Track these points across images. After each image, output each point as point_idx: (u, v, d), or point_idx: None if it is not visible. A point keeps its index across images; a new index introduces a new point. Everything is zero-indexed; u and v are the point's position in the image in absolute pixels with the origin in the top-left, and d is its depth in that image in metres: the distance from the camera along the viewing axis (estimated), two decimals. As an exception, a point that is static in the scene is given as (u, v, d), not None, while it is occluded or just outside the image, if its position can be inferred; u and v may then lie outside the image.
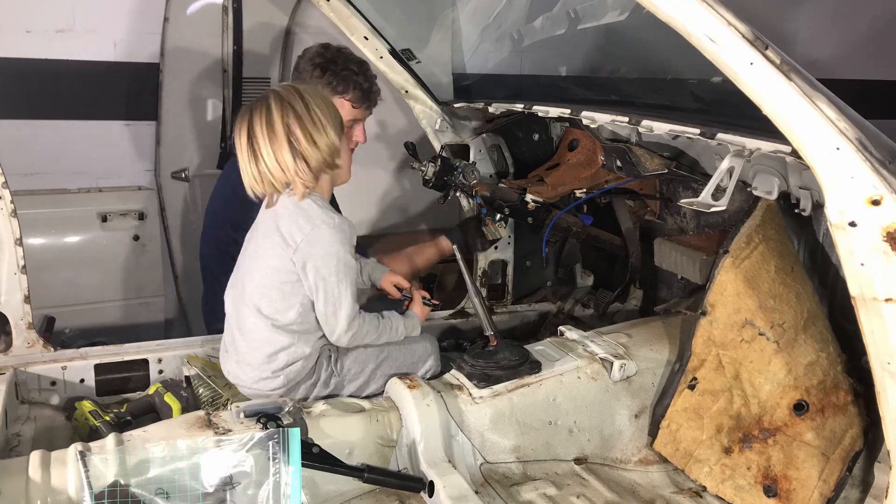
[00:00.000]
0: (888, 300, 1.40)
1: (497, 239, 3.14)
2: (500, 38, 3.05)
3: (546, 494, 2.01)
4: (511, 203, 2.89)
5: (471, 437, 2.10)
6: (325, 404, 2.09)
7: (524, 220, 2.94)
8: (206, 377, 2.40)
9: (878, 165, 1.35)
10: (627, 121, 2.18)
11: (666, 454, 2.19)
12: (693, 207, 1.86)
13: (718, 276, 2.14)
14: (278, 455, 1.77)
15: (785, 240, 2.19)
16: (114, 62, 3.53)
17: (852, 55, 4.66)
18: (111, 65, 3.54)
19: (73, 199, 3.56)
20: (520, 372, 2.20)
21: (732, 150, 1.81)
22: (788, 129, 1.40)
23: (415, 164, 2.95)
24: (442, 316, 3.22)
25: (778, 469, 2.04)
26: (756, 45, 1.36)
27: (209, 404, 2.30)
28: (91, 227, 3.55)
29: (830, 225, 1.43)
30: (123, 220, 3.59)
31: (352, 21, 2.90)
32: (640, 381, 2.29)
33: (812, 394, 2.05)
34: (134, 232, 3.61)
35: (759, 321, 2.09)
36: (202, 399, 2.35)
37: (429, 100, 3.11)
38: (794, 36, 4.62)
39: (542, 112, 2.62)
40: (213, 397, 2.35)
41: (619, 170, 2.62)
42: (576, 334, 2.43)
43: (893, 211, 1.34)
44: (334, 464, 1.90)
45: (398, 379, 2.17)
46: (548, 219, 2.93)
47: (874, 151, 1.36)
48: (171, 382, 2.51)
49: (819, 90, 1.37)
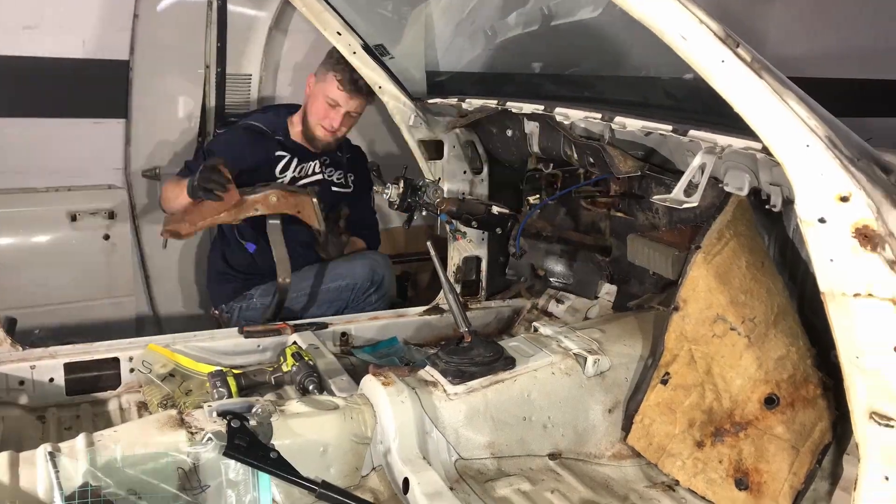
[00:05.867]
0: (857, 296, 1.42)
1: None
2: (474, 34, 3.05)
3: (521, 490, 2.02)
4: (478, 216, 2.95)
5: (445, 434, 2.10)
6: (298, 403, 2.08)
7: (493, 230, 3.06)
8: (161, 380, 2.42)
9: (847, 162, 1.37)
10: (600, 117, 2.20)
11: (639, 449, 2.21)
12: (665, 204, 1.87)
13: (690, 272, 2.16)
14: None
15: (756, 236, 2.22)
16: (82, 59, 3.47)
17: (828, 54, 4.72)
18: (79, 62, 3.48)
19: (42, 198, 3.50)
20: (494, 368, 2.20)
21: (704, 146, 1.82)
22: (759, 126, 1.42)
23: (377, 188, 2.99)
24: (416, 312, 3.22)
25: (749, 462, 2.06)
26: (727, 42, 1.37)
27: (164, 407, 2.32)
28: (60, 227, 3.50)
29: (800, 221, 1.44)
30: (93, 219, 3.54)
31: (324, 16, 2.89)
32: (613, 376, 2.30)
33: (782, 388, 2.08)
34: (104, 231, 3.56)
35: (731, 316, 2.11)
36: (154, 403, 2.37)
37: (402, 95, 3.10)
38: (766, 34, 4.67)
39: (515, 108, 2.62)
40: (164, 398, 2.38)
41: (591, 167, 2.63)
42: (550, 330, 2.44)
43: (862, 207, 1.36)
44: (289, 473, 1.85)
45: (372, 376, 2.17)
46: (515, 225, 3.00)
47: (843, 149, 1.38)
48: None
49: (789, 88, 1.39)
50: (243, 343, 2.82)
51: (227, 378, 2.41)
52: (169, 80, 3.74)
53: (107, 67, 3.55)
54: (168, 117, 3.78)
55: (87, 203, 3.55)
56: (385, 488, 2.04)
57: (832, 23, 4.80)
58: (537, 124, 2.83)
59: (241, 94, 3.85)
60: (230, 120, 3.73)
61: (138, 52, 3.56)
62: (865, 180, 1.36)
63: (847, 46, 4.74)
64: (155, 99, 3.71)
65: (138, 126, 3.69)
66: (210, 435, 1.85)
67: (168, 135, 3.79)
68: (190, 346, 2.72)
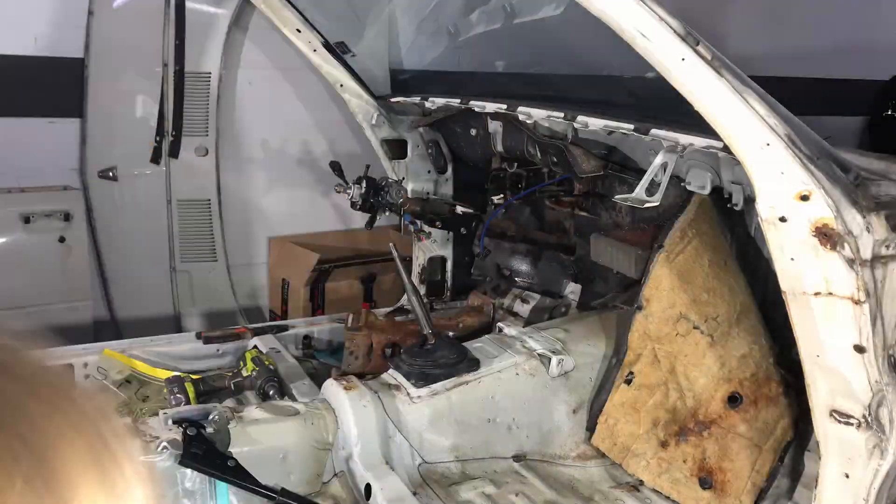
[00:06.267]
0: (817, 294, 1.43)
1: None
2: (437, 32, 3.03)
3: (485, 493, 2.00)
4: (442, 215, 2.93)
5: (409, 438, 2.07)
6: (258, 408, 2.04)
7: (457, 229, 3.04)
8: (117, 386, 2.37)
9: (807, 161, 1.37)
10: (563, 116, 2.18)
11: (604, 449, 2.20)
12: (628, 203, 1.86)
13: (653, 271, 2.15)
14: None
15: (718, 234, 2.22)
16: (35, 56, 3.39)
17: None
18: (32, 59, 3.39)
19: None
20: (458, 370, 2.18)
21: (666, 145, 1.82)
22: (719, 124, 1.41)
23: (339, 188, 2.92)
24: (380, 314, 3.19)
25: (713, 461, 2.06)
26: (688, 40, 1.36)
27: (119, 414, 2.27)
28: (13, 229, 3.39)
29: (761, 220, 1.44)
30: (48, 221, 3.44)
31: (283, 13, 2.84)
32: (577, 376, 2.29)
33: (745, 386, 2.08)
34: (59, 234, 3.47)
35: (694, 315, 2.11)
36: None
37: (364, 94, 3.07)
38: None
39: (478, 107, 2.60)
40: (120, 406, 2.33)
41: (554, 166, 2.62)
42: (514, 330, 2.42)
43: (822, 206, 1.36)
44: (247, 481, 1.83)
45: (334, 380, 2.13)
46: (479, 225, 2.97)
47: (803, 147, 1.38)
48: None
49: (749, 86, 1.38)
50: (202, 348, 2.76)
51: (184, 384, 2.35)
52: (126, 78, 3.65)
53: (61, 65, 3.47)
54: (125, 116, 3.69)
55: (42, 205, 3.44)
56: (347, 495, 2.00)
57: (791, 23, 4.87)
58: (501, 123, 2.81)
59: (200, 92, 3.79)
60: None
61: (94, 50, 3.48)
62: (825, 179, 1.36)
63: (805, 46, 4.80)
64: (111, 98, 3.62)
65: (94, 125, 3.60)
66: (165, 443, 1.80)
67: (125, 134, 3.70)
68: (147, 350, 2.66)
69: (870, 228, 1.38)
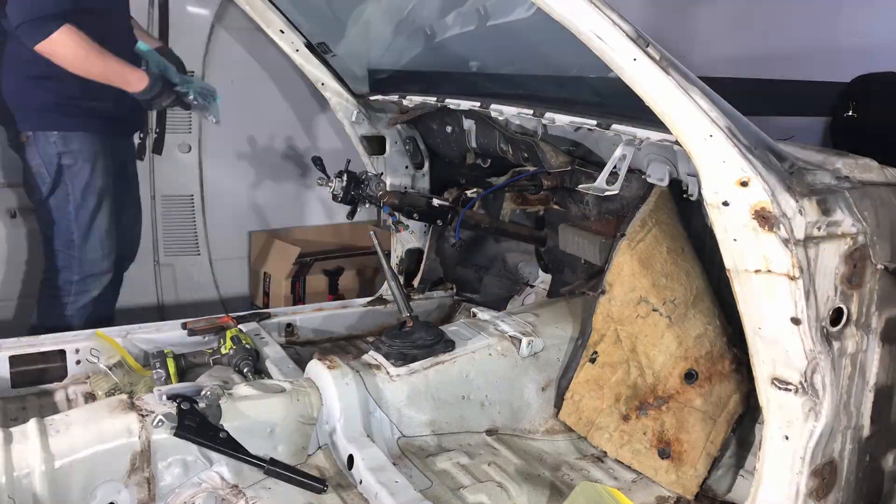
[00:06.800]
0: (757, 272, 1.57)
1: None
2: (414, 33, 3.15)
3: (459, 463, 2.14)
4: (419, 208, 3.02)
5: (388, 413, 2.21)
6: (247, 386, 2.16)
7: (434, 221, 3.12)
8: (109, 368, 2.46)
9: (746, 151, 1.52)
10: (532, 113, 2.33)
11: (570, 423, 2.35)
12: (590, 192, 2.01)
13: (616, 258, 2.31)
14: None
15: (676, 223, 2.37)
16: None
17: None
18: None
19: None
20: (435, 350, 2.32)
21: (625, 139, 1.97)
22: (668, 118, 1.56)
23: (321, 181, 3.05)
24: (360, 303, 3.32)
25: (671, 433, 2.22)
26: (638, 42, 1.51)
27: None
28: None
29: (707, 205, 1.60)
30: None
31: (267, 14, 2.96)
32: (546, 356, 2.44)
33: (700, 363, 2.24)
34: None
35: (653, 298, 2.27)
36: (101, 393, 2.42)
37: (345, 92, 3.19)
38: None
39: (453, 105, 2.74)
40: (112, 388, 2.42)
41: (525, 161, 2.76)
42: (487, 315, 2.57)
43: (759, 191, 1.51)
44: (237, 451, 1.97)
45: (318, 360, 2.26)
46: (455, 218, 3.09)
47: (742, 138, 1.53)
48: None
49: (694, 83, 1.53)
50: (189, 336, 2.86)
51: (166, 359, 2.48)
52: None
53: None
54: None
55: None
56: (331, 466, 2.13)
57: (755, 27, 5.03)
58: (474, 121, 2.95)
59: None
60: None
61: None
62: (762, 166, 1.52)
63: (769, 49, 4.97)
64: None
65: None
66: (161, 417, 1.92)
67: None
68: (136, 337, 2.76)
69: (802, 211, 1.53)
